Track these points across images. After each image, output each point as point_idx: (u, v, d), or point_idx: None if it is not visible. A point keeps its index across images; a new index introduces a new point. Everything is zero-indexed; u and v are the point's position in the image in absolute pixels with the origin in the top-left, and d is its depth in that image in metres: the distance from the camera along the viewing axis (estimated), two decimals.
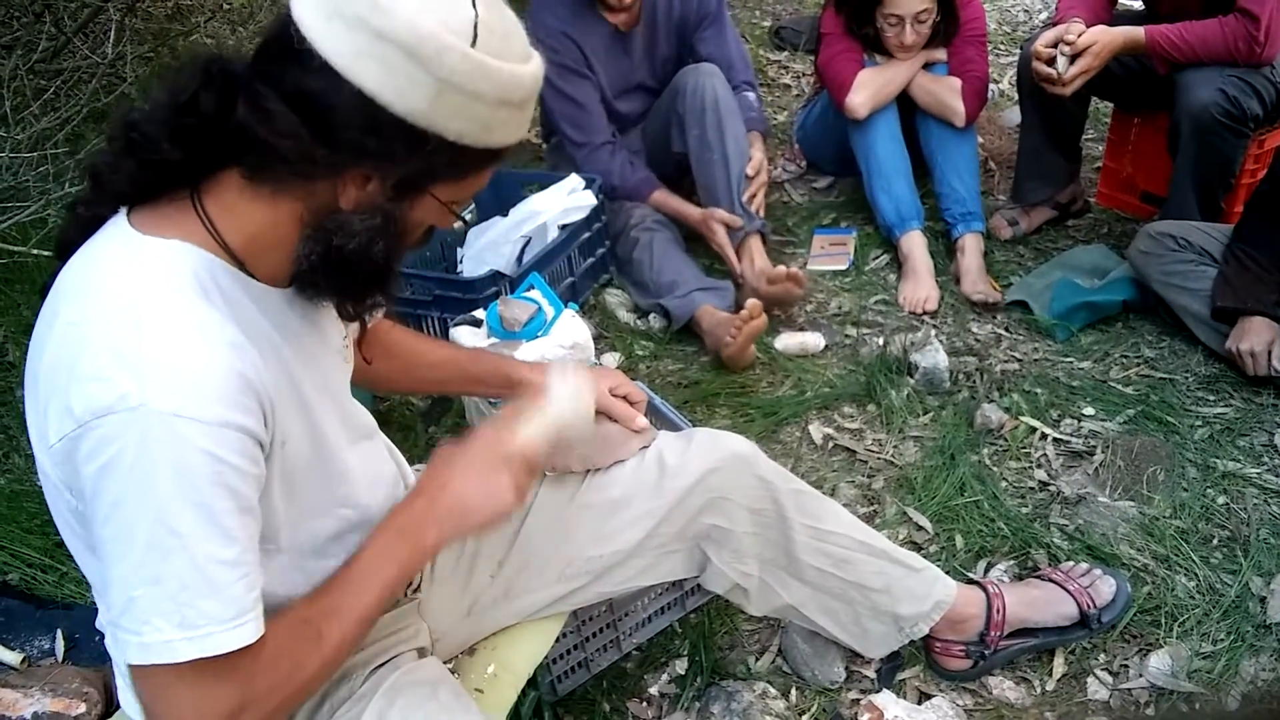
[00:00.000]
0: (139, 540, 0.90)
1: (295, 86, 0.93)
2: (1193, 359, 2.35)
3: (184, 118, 0.98)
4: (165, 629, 0.90)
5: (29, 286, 2.85)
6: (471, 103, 0.95)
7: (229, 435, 0.92)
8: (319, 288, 1.04)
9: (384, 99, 0.92)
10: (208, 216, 1.00)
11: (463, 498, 1.14)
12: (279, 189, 0.98)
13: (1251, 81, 2.31)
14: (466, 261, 2.72)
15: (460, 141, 0.97)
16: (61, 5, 3.82)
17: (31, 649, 1.88)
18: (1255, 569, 1.83)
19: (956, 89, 2.76)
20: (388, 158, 0.96)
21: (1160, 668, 1.68)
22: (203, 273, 0.98)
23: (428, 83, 0.92)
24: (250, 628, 0.95)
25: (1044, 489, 2.07)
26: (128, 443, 0.89)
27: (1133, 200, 2.92)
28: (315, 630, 1.03)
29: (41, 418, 0.95)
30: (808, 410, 2.34)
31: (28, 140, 2.88)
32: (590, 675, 1.71)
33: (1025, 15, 4.49)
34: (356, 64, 0.91)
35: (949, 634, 1.67)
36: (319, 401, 1.11)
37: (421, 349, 1.52)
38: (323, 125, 0.93)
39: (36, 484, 2.23)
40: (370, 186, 0.99)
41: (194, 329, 0.94)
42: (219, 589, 0.92)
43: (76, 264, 1.01)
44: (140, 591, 0.90)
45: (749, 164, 2.73)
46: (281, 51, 0.94)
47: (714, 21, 2.88)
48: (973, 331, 2.56)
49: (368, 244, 1.00)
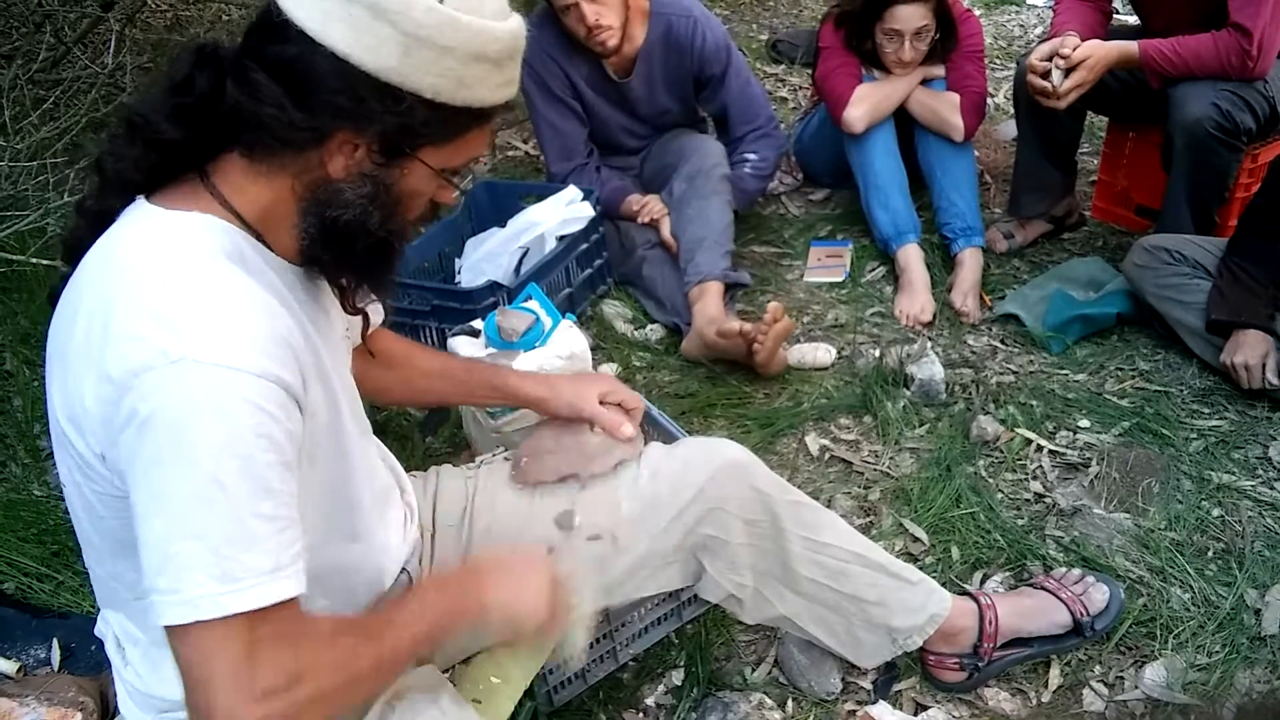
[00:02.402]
0: (180, 494, 0.89)
1: (275, 57, 0.96)
2: (1187, 372, 2.36)
3: (180, 97, 1.00)
4: (207, 583, 0.88)
5: (27, 295, 2.85)
6: (441, 57, 0.96)
7: (271, 388, 0.93)
8: (323, 263, 1.07)
9: (355, 58, 0.95)
10: (220, 194, 1.02)
11: (511, 584, 1.18)
12: (273, 164, 1.01)
13: (1245, 96, 2.33)
14: (464, 272, 2.73)
15: (436, 98, 0.98)
16: (61, 15, 3.84)
17: (27, 658, 1.88)
18: (1250, 581, 1.84)
19: (955, 104, 2.77)
20: (365, 118, 0.98)
21: (1155, 679, 1.69)
22: (227, 242, 1.00)
23: (396, 38, 0.94)
24: (290, 582, 0.93)
25: (1039, 501, 2.07)
26: (170, 396, 0.89)
27: (1127, 214, 2.94)
28: (375, 632, 1.03)
29: (75, 390, 0.95)
30: (804, 421, 2.34)
31: (27, 149, 2.89)
32: (587, 686, 1.71)
33: (1021, 30, 4.52)
34: (327, 26, 0.94)
35: (942, 646, 1.67)
36: (338, 381, 1.12)
37: (418, 358, 1.52)
38: (301, 90, 0.96)
39: (34, 493, 2.23)
40: (357, 154, 1.01)
41: (228, 286, 0.96)
42: (259, 540, 0.91)
43: (100, 247, 1.01)
44: (180, 546, 0.89)
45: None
46: (265, 27, 0.98)
47: (720, 83, 2.86)
48: (968, 344, 2.57)
49: (362, 214, 1.02)
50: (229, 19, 4.70)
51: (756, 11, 5.02)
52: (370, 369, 1.36)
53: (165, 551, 0.89)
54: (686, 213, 2.70)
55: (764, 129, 2.93)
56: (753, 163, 2.90)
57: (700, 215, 2.68)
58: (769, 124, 2.95)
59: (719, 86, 2.86)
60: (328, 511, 1.15)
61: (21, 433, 2.41)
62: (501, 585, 1.17)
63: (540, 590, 1.19)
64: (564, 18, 2.64)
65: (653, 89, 2.86)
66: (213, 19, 4.72)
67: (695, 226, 2.67)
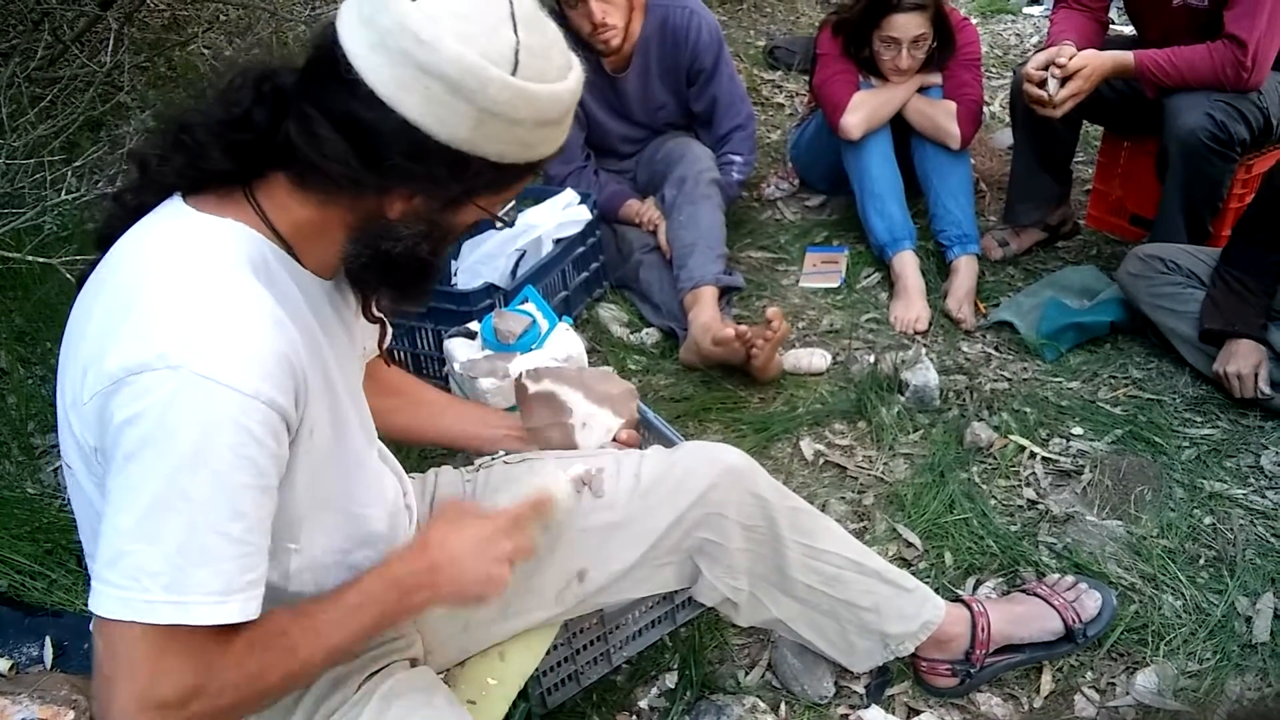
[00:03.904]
0: (146, 495, 0.90)
1: (343, 112, 0.96)
2: (1180, 380, 2.37)
3: (238, 133, 1.01)
4: (152, 588, 0.90)
5: (22, 293, 2.85)
6: (512, 128, 0.97)
7: (261, 409, 0.93)
8: (367, 283, 1.08)
9: (427, 127, 0.94)
10: (259, 206, 1.03)
11: (461, 574, 1.14)
12: (327, 198, 1.02)
13: (1239, 107, 2.34)
14: (461, 274, 2.73)
15: (502, 161, 0.99)
16: (59, 13, 3.84)
17: (20, 656, 1.87)
18: (1241, 589, 1.85)
19: (952, 112, 2.79)
20: (431, 181, 0.99)
21: (1147, 686, 1.69)
22: (254, 251, 1.01)
23: (470, 113, 0.94)
24: (233, 608, 0.93)
25: (1032, 507, 2.08)
26: (159, 398, 0.90)
27: (1122, 223, 2.95)
28: (291, 643, 1.01)
29: (79, 378, 0.96)
30: (799, 426, 2.35)
31: (24, 147, 2.88)
32: (580, 688, 1.71)
33: (1017, 39, 4.54)
34: (401, 94, 0.93)
35: (934, 653, 1.67)
36: (346, 396, 1.13)
37: (423, 391, 1.57)
38: (368, 150, 0.96)
39: (27, 491, 2.23)
40: (415, 201, 1.02)
41: (242, 301, 0.96)
42: (213, 560, 0.92)
43: (131, 237, 1.02)
44: (135, 547, 0.90)
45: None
46: (329, 74, 0.96)
47: (710, 78, 2.88)
48: (963, 350, 2.58)
49: (413, 247, 1.04)
50: (226, 19, 4.70)
51: (754, 18, 5.03)
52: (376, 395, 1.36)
53: (120, 548, 0.90)
54: (678, 218, 2.71)
55: (745, 125, 2.96)
56: (738, 165, 2.93)
57: (691, 220, 2.69)
58: (750, 120, 2.98)
59: (710, 80, 2.87)
60: (333, 525, 1.15)
61: (15, 430, 2.40)
62: (454, 585, 1.13)
63: (497, 566, 1.15)
64: (569, 11, 2.66)
65: (648, 82, 2.87)
66: (210, 19, 4.71)
67: (687, 232, 2.68)
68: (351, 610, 1.06)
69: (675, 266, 2.67)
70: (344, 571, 1.17)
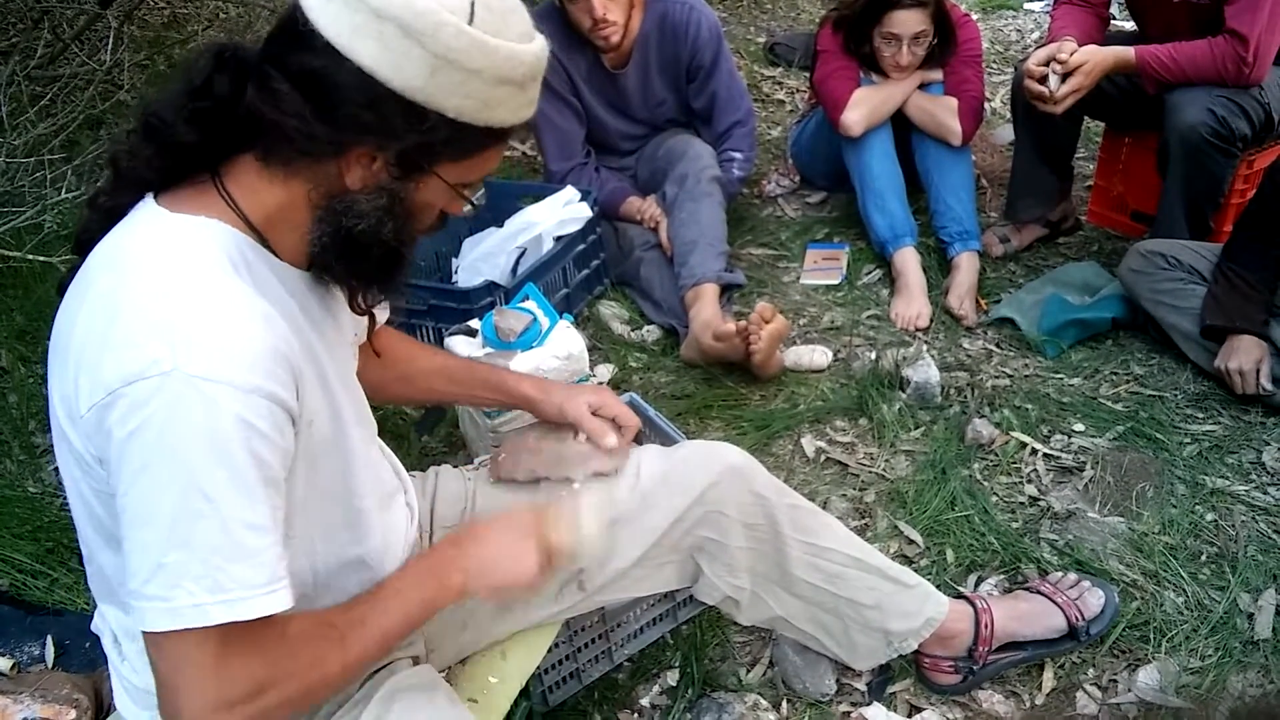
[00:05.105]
0: (167, 504, 0.90)
1: (299, 66, 0.96)
2: (1182, 376, 2.37)
3: (199, 101, 1.00)
4: (197, 592, 0.90)
5: (23, 292, 2.85)
6: (469, 79, 0.96)
7: (261, 403, 0.93)
8: (333, 270, 1.07)
9: (382, 75, 0.94)
10: (230, 196, 1.02)
11: (492, 556, 1.17)
12: (290, 171, 1.01)
13: (1240, 102, 2.34)
14: (461, 272, 2.73)
15: (459, 118, 0.99)
16: (59, 12, 3.84)
17: (21, 655, 1.87)
18: (1243, 585, 1.84)
19: (953, 109, 2.78)
20: (387, 133, 0.98)
21: (1149, 683, 1.69)
22: (232, 248, 1.00)
23: (424, 58, 0.94)
24: (283, 594, 0.95)
25: (1034, 504, 2.08)
26: (158, 407, 0.89)
27: (1123, 219, 2.95)
28: (340, 634, 1.04)
29: (72, 391, 0.96)
30: (800, 423, 2.35)
31: (24, 146, 2.89)
32: (582, 686, 1.71)
33: (1018, 35, 4.54)
34: (355, 41, 0.94)
35: (937, 649, 1.67)
36: (339, 385, 1.12)
37: (418, 356, 1.52)
38: (324, 102, 0.96)
39: (28, 490, 2.23)
40: (375, 166, 1.01)
41: (227, 299, 0.96)
42: (251, 554, 0.92)
43: (107, 244, 1.02)
44: (170, 557, 0.90)
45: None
46: (288, 35, 0.97)
47: (710, 74, 2.87)
48: (964, 347, 2.57)
49: (376, 225, 1.03)
50: (226, 16, 4.70)
51: (754, 14, 5.03)
52: (370, 365, 1.36)
53: (155, 561, 0.90)
54: (679, 216, 2.71)
55: (745, 122, 2.95)
56: (739, 162, 2.92)
57: (692, 218, 2.69)
58: (750, 117, 2.98)
59: (710, 76, 2.87)
60: (331, 516, 1.15)
61: (16, 429, 2.40)
62: (484, 566, 1.17)
63: (526, 554, 1.18)
64: (570, 7, 2.66)
65: (647, 78, 2.87)
66: (210, 16, 4.71)
67: (687, 229, 2.68)
68: (392, 598, 1.09)
69: (676, 264, 2.66)
70: (343, 563, 1.17)
